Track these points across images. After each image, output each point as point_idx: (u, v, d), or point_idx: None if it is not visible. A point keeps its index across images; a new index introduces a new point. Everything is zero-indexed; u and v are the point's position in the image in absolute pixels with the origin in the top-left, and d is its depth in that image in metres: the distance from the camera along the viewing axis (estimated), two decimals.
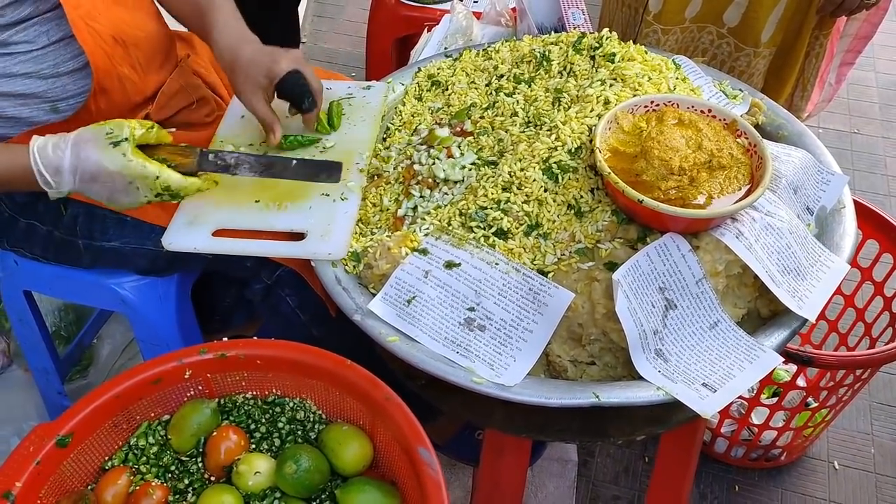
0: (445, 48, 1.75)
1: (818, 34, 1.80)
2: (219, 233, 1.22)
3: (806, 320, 1.08)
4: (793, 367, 1.63)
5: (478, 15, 1.89)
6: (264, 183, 1.29)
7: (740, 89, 1.43)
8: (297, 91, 1.30)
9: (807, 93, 1.91)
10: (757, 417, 1.75)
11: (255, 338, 1.11)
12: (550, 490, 1.79)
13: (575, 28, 1.57)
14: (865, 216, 1.73)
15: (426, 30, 1.90)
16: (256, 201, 1.26)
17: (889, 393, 2.03)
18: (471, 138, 1.28)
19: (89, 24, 1.24)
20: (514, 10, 1.88)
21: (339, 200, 1.25)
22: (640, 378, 1.03)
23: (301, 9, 2.92)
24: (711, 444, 1.84)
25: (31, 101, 1.25)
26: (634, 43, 1.33)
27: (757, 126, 1.37)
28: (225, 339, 1.12)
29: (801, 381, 1.71)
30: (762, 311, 1.14)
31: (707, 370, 1.02)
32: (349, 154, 1.35)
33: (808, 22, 1.74)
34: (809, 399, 1.70)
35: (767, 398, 1.72)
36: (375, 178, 1.32)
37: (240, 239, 1.21)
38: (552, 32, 1.64)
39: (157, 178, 1.15)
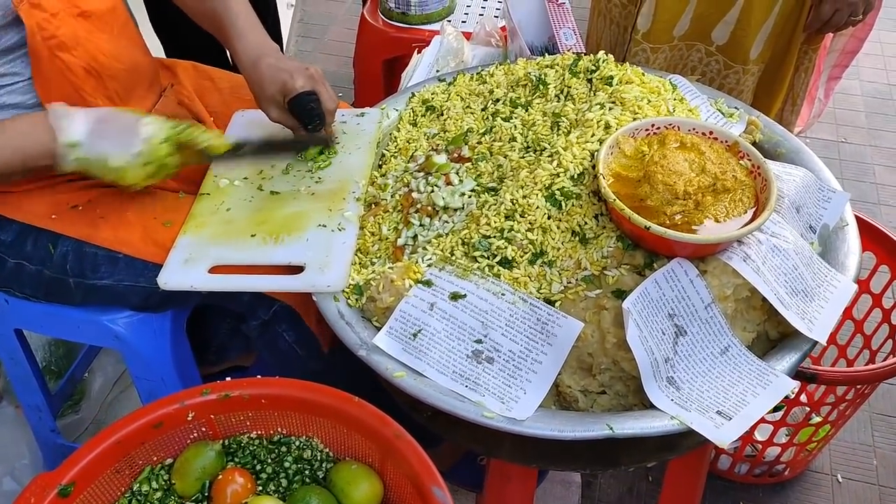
0: (437, 70, 1.74)
1: (806, 49, 1.80)
2: (215, 269, 1.20)
3: (816, 342, 1.07)
4: (796, 383, 1.62)
5: (467, 35, 1.89)
6: (260, 217, 1.27)
7: (736, 107, 1.42)
8: (304, 112, 1.31)
9: (796, 107, 1.91)
10: (760, 434, 1.74)
11: (251, 371, 1.09)
12: None
13: (568, 49, 1.56)
14: (861, 228, 1.72)
15: (416, 51, 1.88)
16: (252, 235, 1.23)
17: (888, 403, 2.03)
18: (469, 164, 1.27)
19: (57, 55, 1.22)
20: (503, 29, 1.87)
21: (336, 231, 1.23)
22: (651, 406, 1.02)
23: (284, 30, 2.91)
24: (715, 461, 1.83)
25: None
26: (623, 62, 1.33)
27: (755, 144, 1.37)
28: (226, 375, 1.10)
29: (802, 397, 1.70)
30: (771, 334, 1.13)
31: (720, 397, 1.01)
32: (345, 183, 1.33)
33: (796, 38, 1.75)
34: (812, 415, 1.69)
35: (770, 414, 1.71)
36: (373, 206, 1.31)
37: (237, 275, 1.19)
38: (545, 52, 1.64)
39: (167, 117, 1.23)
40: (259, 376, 1.07)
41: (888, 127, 2.98)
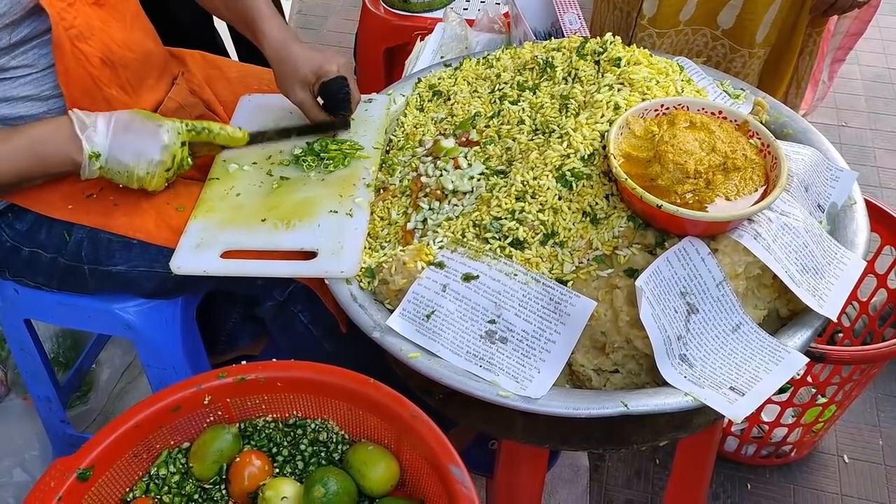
0: (441, 57, 1.74)
1: (811, 32, 1.80)
2: (227, 254, 1.20)
3: (827, 319, 1.08)
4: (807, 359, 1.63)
5: (470, 22, 1.88)
6: (270, 202, 1.27)
7: (742, 88, 1.43)
8: (339, 96, 1.34)
9: (801, 90, 1.91)
10: (767, 415, 1.75)
11: (259, 359, 1.10)
12: (563, 496, 1.78)
13: (573, 33, 1.56)
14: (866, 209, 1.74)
15: (419, 39, 1.88)
16: (263, 220, 1.24)
17: (894, 383, 2.04)
18: (477, 148, 1.27)
19: (76, 45, 1.22)
20: (506, 15, 1.87)
21: (346, 217, 1.24)
22: (663, 384, 1.02)
23: None
24: (722, 443, 1.84)
25: (30, 122, 1.23)
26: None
27: (762, 124, 1.37)
28: (243, 360, 1.10)
29: (808, 378, 1.71)
30: (781, 311, 1.14)
31: (733, 374, 1.02)
32: (355, 169, 1.33)
33: (801, 21, 1.75)
34: (819, 395, 1.70)
35: (777, 395, 1.72)
36: (381, 191, 1.31)
37: (250, 260, 1.20)
38: (549, 38, 1.64)
39: (183, 121, 1.24)
40: (274, 360, 1.08)
41: (888, 110, 2.99)
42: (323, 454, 1.07)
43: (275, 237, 1.21)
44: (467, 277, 1.08)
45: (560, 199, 1.12)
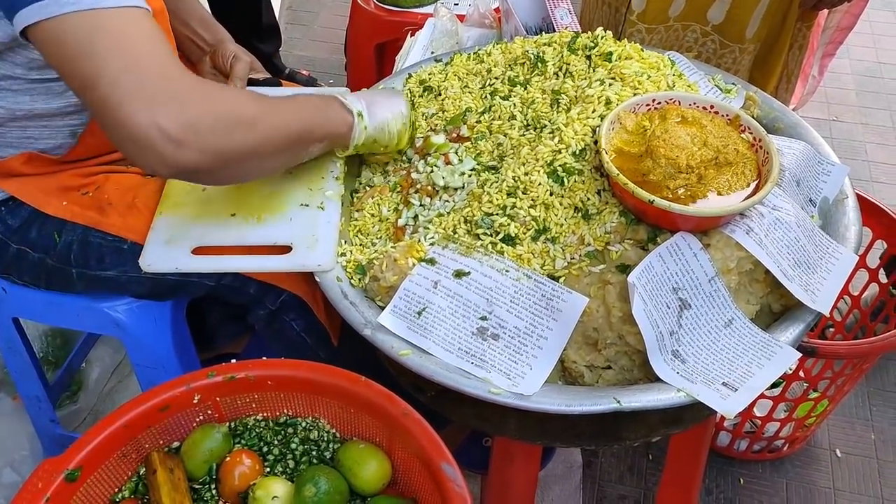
0: (432, 52, 1.73)
1: (801, 26, 1.80)
2: (199, 250, 1.18)
3: (819, 314, 1.08)
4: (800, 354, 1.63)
5: (461, 18, 1.88)
6: (239, 195, 1.25)
7: (733, 83, 1.42)
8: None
9: (791, 85, 1.91)
10: (759, 410, 1.75)
11: (242, 357, 1.08)
12: (557, 493, 1.78)
13: (564, 28, 1.55)
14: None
15: (409, 34, 1.87)
16: (233, 214, 1.22)
17: (885, 378, 2.04)
18: (468, 144, 1.27)
19: None
20: (497, 10, 1.87)
21: (318, 210, 1.23)
22: (657, 380, 1.02)
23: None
24: (714, 438, 1.84)
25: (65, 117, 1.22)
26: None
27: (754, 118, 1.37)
28: (218, 362, 1.09)
29: (800, 372, 1.71)
30: (773, 307, 1.13)
31: (726, 369, 1.01)
32: (322, 162, 1.31)
33: (791, 15, 1.74)
34: (811, 390, 1.70)
35: (769, 389, 1.72)
36: (370, 187, 1.30)
37: (224, 255, 1.18)
38: (540, 33, 1.64)
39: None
40: (265, 358, 1.07)
41: (879, 105, 2.99)
42: (314, 453, 1.06)
43: (247, 232, 1.20)
44: (459, 274, 1.08)
45: (551, 194, 1.11)
